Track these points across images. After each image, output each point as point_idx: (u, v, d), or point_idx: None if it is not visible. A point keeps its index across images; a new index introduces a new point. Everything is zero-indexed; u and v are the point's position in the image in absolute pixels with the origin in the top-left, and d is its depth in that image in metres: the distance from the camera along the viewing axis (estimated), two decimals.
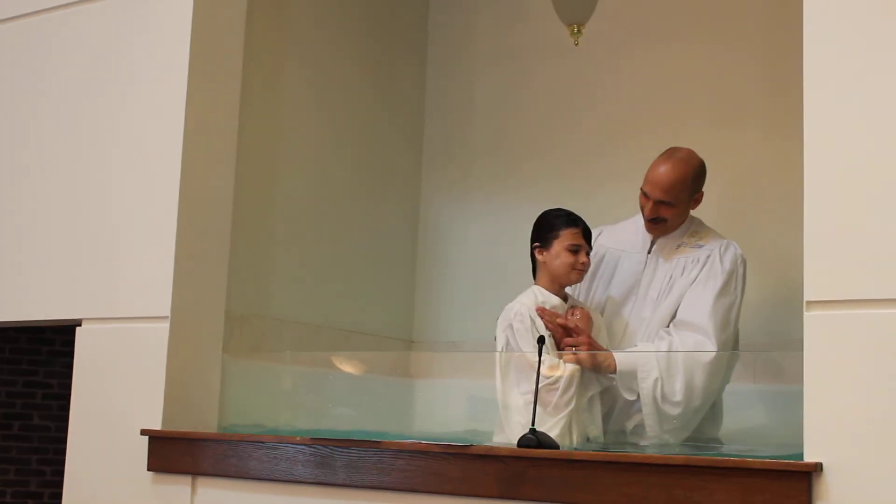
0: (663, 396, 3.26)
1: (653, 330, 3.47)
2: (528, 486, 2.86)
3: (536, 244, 3.51)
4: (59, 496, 3.87)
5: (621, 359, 3.33)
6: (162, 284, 3.66)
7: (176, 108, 3.73)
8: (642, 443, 3.33)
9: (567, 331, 3.36)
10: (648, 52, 4.65)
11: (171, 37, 3.80)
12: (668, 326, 3.43)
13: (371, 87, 4.88)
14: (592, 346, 3.35)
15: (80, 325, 3.87)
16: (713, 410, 3.36)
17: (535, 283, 3.52)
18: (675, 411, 3.26)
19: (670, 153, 3.55)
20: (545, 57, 4.86)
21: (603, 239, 3.71)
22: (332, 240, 4.63)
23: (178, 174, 3.69)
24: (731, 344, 3.40)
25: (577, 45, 4.35)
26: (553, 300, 3.46)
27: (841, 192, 2.60)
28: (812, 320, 2.60)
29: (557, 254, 3.44)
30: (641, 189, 3.54)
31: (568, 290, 3.58)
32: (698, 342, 3.33)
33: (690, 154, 3.55)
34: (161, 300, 3.65)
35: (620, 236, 3.70)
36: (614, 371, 3.33)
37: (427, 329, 4.96)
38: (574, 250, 3.42)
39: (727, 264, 3.45)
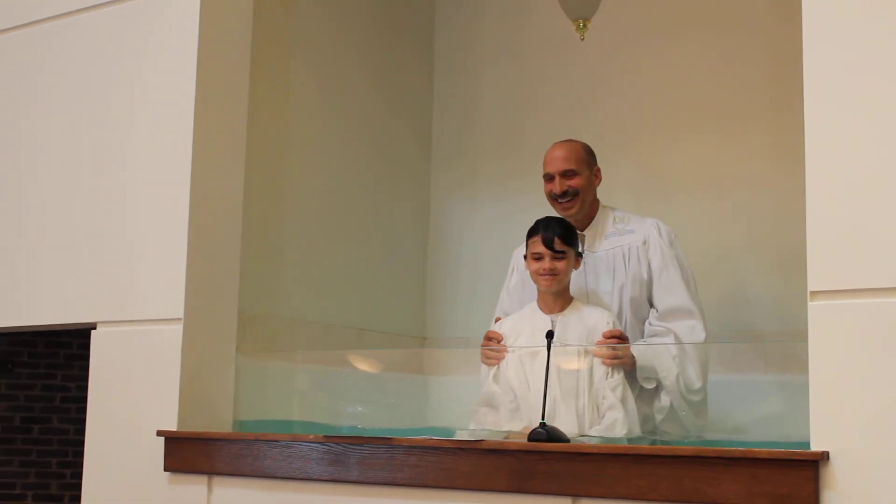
0: (687, 388, 3.39)
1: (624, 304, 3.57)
2: (539, 480, 2.88)
3: (524, 254, 3.54)
4: (78, 499, 3.90)
5: (638, 354, 3.42)
6: (175, 287, 3.69)
7: (185, 112, 3.76)
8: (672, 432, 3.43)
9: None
10: (655, 45, 4.66)
11: (179, 41, 3.83)
12: (650, 318, 3.54)
13: (379, 86, 4.90)
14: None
15: (94, 328, 3.91)
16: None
17: None
18: (699, 397, 3.41)
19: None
20: (552, 53, 4.88)
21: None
22: (342, 239, 4.66)
23: (188, 177, 3.72)
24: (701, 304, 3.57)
25: (582, 39, 4.37)
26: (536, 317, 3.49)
27: (843, 183, 2.62)
28: (816, 310, 2.61)
29: (529, 263, 3.49)
30: (544, 176, 3.65)
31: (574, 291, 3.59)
32: (691, 325, 3.49)
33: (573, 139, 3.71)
34: (174, 302, 3.69)
35: None
36: (633, 368, 3.41)
37: (439, 326, 4.98)
38: (536, 258, 3.45)
39: (667, 248, 3.56)
